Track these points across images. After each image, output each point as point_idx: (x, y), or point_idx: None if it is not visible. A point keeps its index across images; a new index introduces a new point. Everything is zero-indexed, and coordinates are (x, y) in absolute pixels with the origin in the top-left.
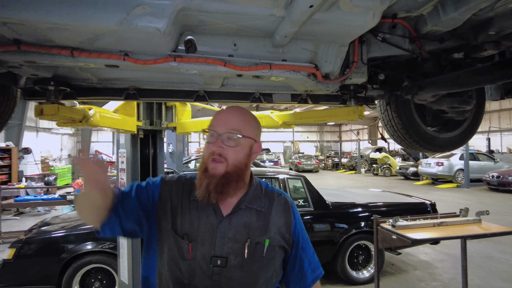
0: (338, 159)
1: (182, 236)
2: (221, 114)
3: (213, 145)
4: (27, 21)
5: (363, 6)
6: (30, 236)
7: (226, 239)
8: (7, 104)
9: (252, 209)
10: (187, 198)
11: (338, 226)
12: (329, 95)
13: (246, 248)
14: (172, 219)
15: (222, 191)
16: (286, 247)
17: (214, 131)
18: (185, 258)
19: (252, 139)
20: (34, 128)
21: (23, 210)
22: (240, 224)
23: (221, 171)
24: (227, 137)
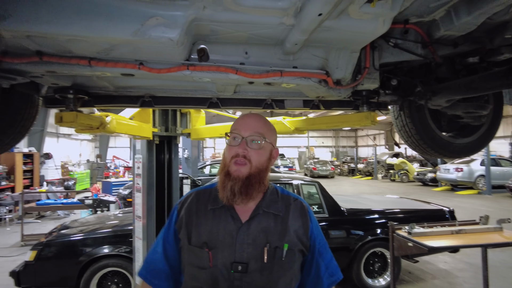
0: (354, 164)
1: (200, 246)
2: (245, 119)
3: (238, 147)
4: (49, 34)
5: (372, 13)
6: (50, 239)
7: (246, 245)
8: (30, 111)
9: (270, 213)
10: (203, 210)
11: (353, 232)
12: (342, 101)
13: (266, 253)
14: (187, 235)
15: (246, 193)
16: (305, 251)
17: (238, 134)
18: (206, 267)
19: (271, 144)
20: (55, 134)
21: (44, 214)
22: (258, 229)
23: (245, 173)
24: (251, 140)
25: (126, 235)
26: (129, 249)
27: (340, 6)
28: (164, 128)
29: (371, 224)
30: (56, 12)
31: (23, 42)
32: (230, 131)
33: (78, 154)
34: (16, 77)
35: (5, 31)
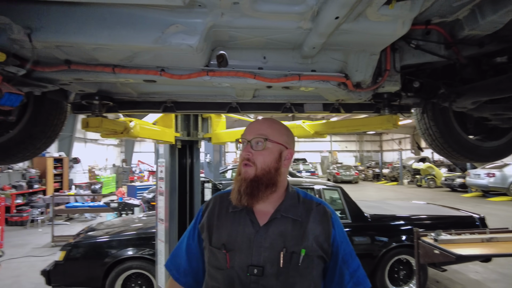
0: (378, 169)
1: (219, 247)
2: (251, 124)
3: (243, 151)
4: (76, 44)
5: (391, 15)
6: (78, 240)
7: (263, 249)
8: (59, 117)
9: (288, 218)
10: (224, 212)
11: (377, 239)
12: (362, 103)
13: (281, 257)
14: (209, 236)
15: (252, 194)
16: (325, 258)
17: (244, 139)
18: (223, 268)
19: (281, 144)
20: (83, 140)
21: (73, 216)
22: (276, 233)
23: (251, 174)
24: (255, 142)
25: (150, 237)
26: (152, 251)
27: (357, 9)
28: (186, 133)
29: (395, 230)
30: (82, 23)
31: (53, 52)
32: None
33: (105, 158)
34: (47, 85)
35: (38, 42)
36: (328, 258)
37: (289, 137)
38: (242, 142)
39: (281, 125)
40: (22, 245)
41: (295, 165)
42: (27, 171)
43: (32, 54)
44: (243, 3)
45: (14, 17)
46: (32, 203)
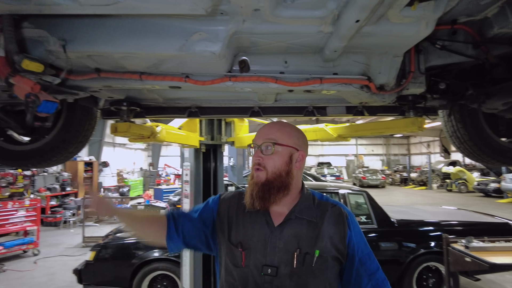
0: (406, 173)
1: (236, 245)
2: (261, 128)
3: (254, 156)
4: (105, 53)
5: (414, 16)
6: (107, 241)
7: (277, 249)
8: (90, 123)
9: (303, 219)
10: (242, 211)
11: (404, 245)
12: (386, 106)
13: (295, 258)
14: (228, 231)
15: (263, 197)
16: (340, 259)
17: (255, 144)
18: (239, 266)
19: (291, 147)
20: (112, 144)
21: (102, 218)
22: (290, 234)
23: (262, 179)
24: (265, 147)
25: None
26: (177, 253)
27: (378, 12)
28: (210, 137)
29: (424, 236)
30: (111, 33)
31: (84, 61)
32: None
33: (132, 162)
34: (79, 92)
35: (71, 52)
36: (344, 260)
37: (299, 139)
38: (253, 147)
39: (291, 128)
40: (56, 244)
41: (320, 169)
42: (60, 174)
43: (66, 64)
44: (264, 10)
45: (51, 30)
46: (64, 205)
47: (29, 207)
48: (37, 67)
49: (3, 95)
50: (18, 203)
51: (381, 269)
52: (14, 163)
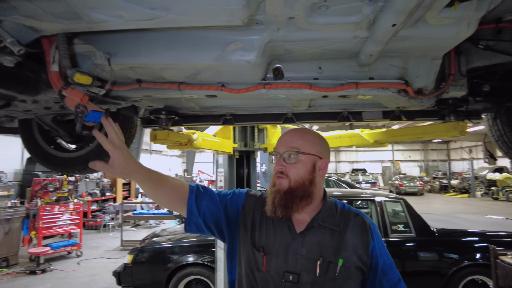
0: (446, 180)
1: (258, 249)
2: (282, 136)
3: (276, 164)
4: (146, 64)
5: (453, 17)
6: (144, 245)
7: (299, 256)
8: (131, 131)
9: (326, 227)
10: (265, 214)
11: (446, 256)
12: (425, 110)
13: (318, 267)
14: (251, 231)
15: (286, 205)
16: (364, 269)
17: (276, 152)
18: (260, 270)
19: (314, 155)
20: (149, 151)
21: (139, 223)
22: (313, 242)
23: (285, 187)
24: (287, 155)
25: (209, 245)
26: (211, 258)
27: (415, 14)
28: (243, 144)
29: (468, 247)
30: (152, 46)
31: (127, 72)
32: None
33: (168, 168)
34: (121, 102)
35: (115, 65)
36: (367, 270)
37: (322, 146)
38: (274, 155)
39: (314, 135)
40: (97, 247)
41: (354, 176)
42: (100, 180)
43: (111, 76)
44: (299, 18)
45: (97, 45)
46: (104, 210)
47: (73, 210)
48: (86, 80)
49: (55, 106)
50: (64, 207)
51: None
52: (62, 169)
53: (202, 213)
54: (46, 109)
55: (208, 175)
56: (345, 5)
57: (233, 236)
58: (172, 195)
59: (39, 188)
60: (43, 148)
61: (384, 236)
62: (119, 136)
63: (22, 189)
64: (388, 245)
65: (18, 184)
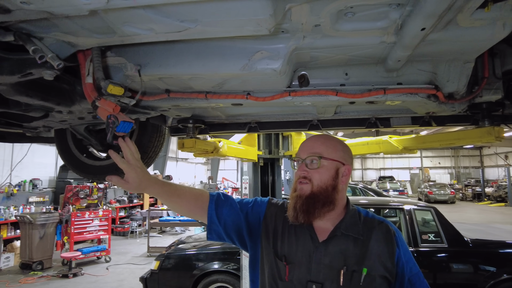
0: (480, 188)
1: (280, 258)
2: (305, 142)
3: (299, 170)
4: (175, 75)
5: (487, 18)
6: (170, 252)
7: (322, 265)
8: (159, 139)
9: (349, 236)
10: (287, 222)
11: (482, 268)
12: (457, 115)
13: (342, 276)
14: (273, 240)
15: (308, 211)
16: (389, 278)
17: (298, 158)
18: (283, 279)
19: (337, 161)
20: (175, 159)
21: (165, 229)
22: (336, 251)
23: (307, 192)
24: (310, 161)
25: (234, 252)
26: (236, 266)
27: (446, 17)
28: (267, 151)
29: (507, 259)
30: (180, 57)
31: (156, 83)
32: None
33: (193, 176)
34: (150, 112)
35: (145, 76)
36: (392, 279)
37: (345, 152)
38: (296, 161)
39: (336, 141)
40: (124, 253)
41: (382, 184)
42: None
43: (141, 87)
44: (325, 25)
45: (128, 57)
46: (131, 216)
47: (102, 217)
48: (118, 91)
49: (88, 116)
50: (94, 213)
51: None
52: (94, 177)
53: (222, 221)
54: (80, 119)
55: (232, 182)
56: (372, 11)
57: (254, 245)
58: (191, 205)
59: (71, 195)
60: (76, 157)
61: (414, 246)
62: (134, 154)
63: (55, 196)
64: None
65: (52, 190)
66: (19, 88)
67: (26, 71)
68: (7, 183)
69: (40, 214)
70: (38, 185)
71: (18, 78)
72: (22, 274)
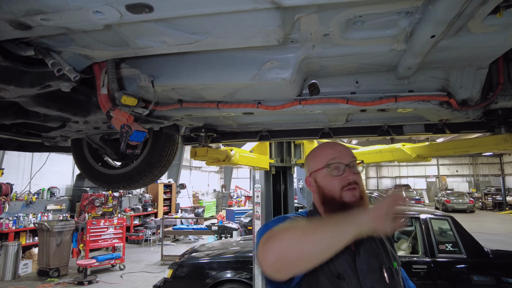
0: (501, 196)
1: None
2: (334, 147)
3: (346, 175)
4: (188, 85)
5: (500, 24)
6: (183, 260)
7: (364, 272)
8: (172, 148)
9: (370, 237)
10: None
11: (504, 280)
12: (471, 122)
13: (385, 273)
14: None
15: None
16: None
17: (339, 163)
18: None
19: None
20: (188, 167)
21: (178, 238)
22: (368, 254)
23: (359, 197)
24: (353, 165)
25: (247, 261)
26: (249, 275)
27: (457, 24)
28: (279, 159)
29: None
30: (193, 68)
31: (169, 93)
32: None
33: (206, 184)
34: (163, 121)
35: (158, 86)
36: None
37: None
38: (334, 167)
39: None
40: (138, 261)
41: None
42: (143, 196)
43: (154, 97)
44: (334, 34)
45: (141, 68)
46: (146, 224)
47: (117, 225)
48: (132, 101)
49: (103, 126)
50: (109, 221)
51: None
52: (109, 185)
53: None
54: (95, 128)
55: (245, 190)
56: (381, 19)
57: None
58: None
59: (87, 203)
60: (91, 165)
61: (431, 256)
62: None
63: (72, 204)
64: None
65: (68, 199)
66: (38, 99)
67: (45, 84)
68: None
69: (57, 221)
70: (56, 193)
71: (37, 90)
72: (39, 280)
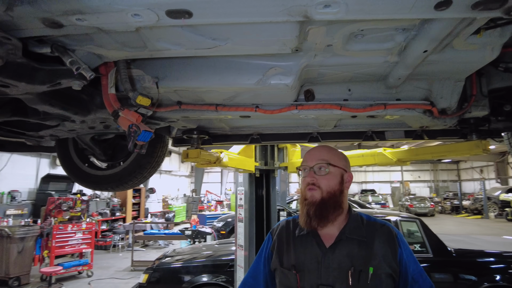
0: (458, 201)
1: (289, 268)
2: (309, 151)
3: (307, 177)
4: (191, 88)
5: (479, 43)
6: (158, 265)
7: (331, 269)
8: (162, 149)
9: (354, 239)
10: (292, 236)
11: (462, 277)
12: (447, 129)
13: (350, 276)
14: (279, 258)
15: (321, 215)
16: (394, 276)
17: (306, 165)
18: (294, 287)
19: (341, 168)
20: (158, 171)
21: (148, 243)
22: (343, 254)
23: (318, 197)
24: (318, 168)
25: (224, 265)
26: (226, 278)
27: (445, 41)
28: (263, 162)
29: (486, 268)
30: (198, 71)
31: (170, 95)
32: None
33: (177, 189)
34: (160, 123)
35: (162, 88)
36: (397, 277)
37: (346, 161)
38: (303, 169)
39: (337, 151)
40: (107, 267)
41: (364, 197)
42: (111, 200)
43: (158, 98)
44: (336, 45)
45: (146, 69)
46: (114, 229)
47: (85, 230)
48: (146, 102)
49: (99, 126)
50: (77, 226)
51: None
52: (96, 186)
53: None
54: (90, 128)
55: (216, 195)
56: (380, 34)
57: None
58: None
59: (53, 207)
60: (78, 166)
61: None
62: None
63: (35, 208)
64: None
65: (31, 203)
66: (44, 97)
67: (56, 81)
68: None
69: (20, 227)
70: (17, 197)
71: (46, 88)
72: None
